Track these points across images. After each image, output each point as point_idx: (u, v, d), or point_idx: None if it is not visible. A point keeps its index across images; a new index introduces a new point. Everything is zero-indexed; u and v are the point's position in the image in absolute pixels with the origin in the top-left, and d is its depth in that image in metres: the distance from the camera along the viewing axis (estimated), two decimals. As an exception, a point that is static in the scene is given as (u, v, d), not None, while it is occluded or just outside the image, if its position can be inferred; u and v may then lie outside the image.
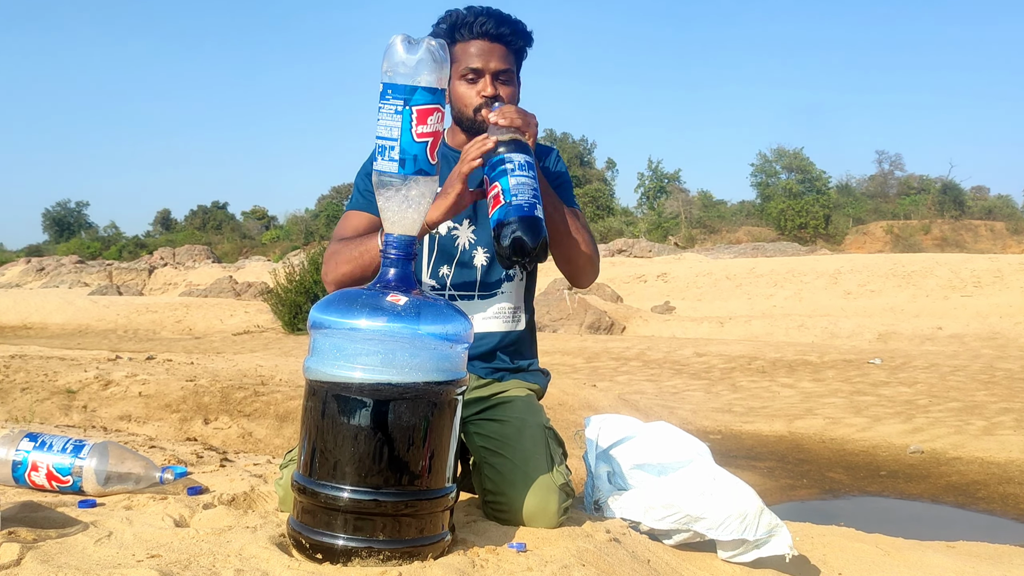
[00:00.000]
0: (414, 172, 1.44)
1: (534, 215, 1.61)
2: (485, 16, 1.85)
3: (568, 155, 53.04)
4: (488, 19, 1.85)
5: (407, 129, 1.43)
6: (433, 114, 1.44)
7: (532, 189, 1.63)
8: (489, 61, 1.85)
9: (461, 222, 1.95)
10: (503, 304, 1.96)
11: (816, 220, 45.82)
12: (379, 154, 1.44)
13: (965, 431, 5.90)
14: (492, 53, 1.85)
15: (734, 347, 10.35)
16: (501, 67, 1.86)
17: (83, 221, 61.33)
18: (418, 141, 1.44)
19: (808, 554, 2.17)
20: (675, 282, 20.89)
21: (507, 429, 1.80)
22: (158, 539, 1.42)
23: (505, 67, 1.87)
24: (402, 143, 1.43)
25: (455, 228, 1.94)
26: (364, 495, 1.34)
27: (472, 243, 1.95)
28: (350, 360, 1.35)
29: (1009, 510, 4.36)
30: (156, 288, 27.40)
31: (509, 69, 1.88)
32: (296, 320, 13.49)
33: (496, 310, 1.94)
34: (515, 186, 1.62)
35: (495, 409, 1.86)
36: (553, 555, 1.47)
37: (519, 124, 1.70)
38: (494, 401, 1.88)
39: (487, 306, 1.94)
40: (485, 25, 1.84)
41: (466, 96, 1.88)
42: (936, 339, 12.23)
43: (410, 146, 1.43)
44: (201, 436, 4.64)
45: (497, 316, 1.95)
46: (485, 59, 1.85)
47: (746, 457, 5.47)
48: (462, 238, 1.95)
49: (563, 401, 5.96)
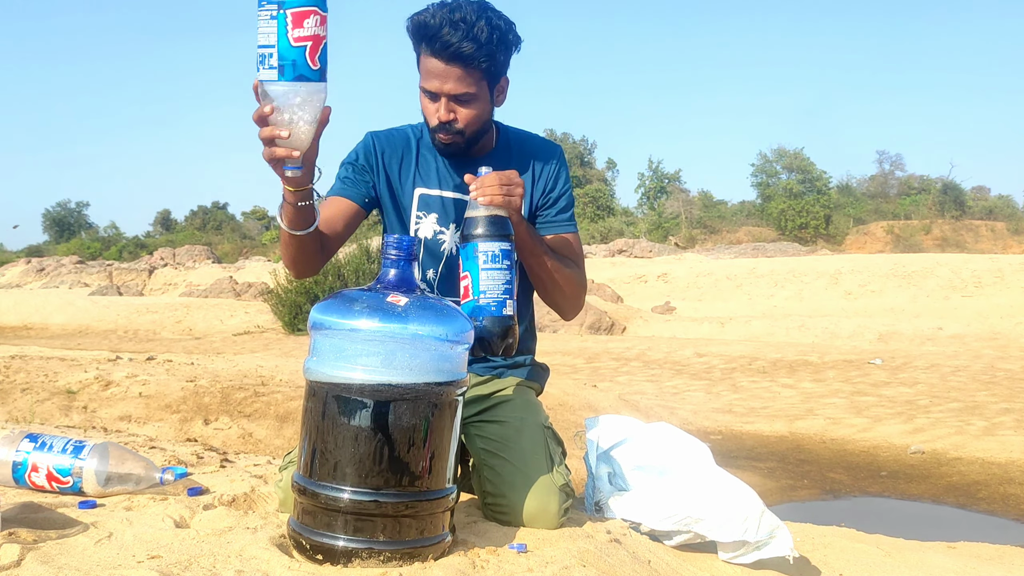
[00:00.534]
0: (294, 78, 1.39)
1: (502, 314, 1.59)
2: (449, 30, 1.68)
3: (569, 155, 53.05)
4: (451, 34, 1.68)
5: (283, 34, 1.38)
6: (309, 16, 1.38)
7: (504, 283, 1.58)
8: (444, 84, 1.73)
9: (448, 226, 1.90)
10: None
11: (817, 220, 45.82)
12: (259, 64, 1.39)
13: (966, 431, 5.90)
14: (448, 76, 1.72)
15: (735, 347, 10.35)
16: (457, 91, 1.73)
17: (83, 221, 61.35)
18: (295, 45, 1.39)
19: (809, 555, 2.17)
20: (676, 282, 20.89)
21: (506, 430, 1.79)
22: (158, 540, 1.42)
23: (462, 90, 1.73)
24: (279, 49, 1.38)
25: (441, 232, 1.90)
26: (364, 496, 1.34)
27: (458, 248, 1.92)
28: (350, 361, 1.35)
29: (1010, 510, 4.36)
30: (156, 288, 27.41)
31: (468, 92, 1.74)
32: (296, 321, 13.49)
33: None
34: (485, 281, 1.58)
35: (494, 409, 1.85)
36: (554, 556, 1.47)
37: (499, 201, 1.60)
38: (493, 401, 1.87)
39: None
40: (445, 43, 1.68)
41: (426, 111, 1.81)
42: (937, 339, 12.23)
43: (287, 51, 1.38)
44: (201, 437, 4.65)
45: None
46: (440, 82, 1.73)
47: (747, 458, 5.47)
48: (447, 243, 1.91)
49: (564, 401, 5.96)
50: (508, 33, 1.75)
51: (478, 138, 1.85)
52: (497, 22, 1.73)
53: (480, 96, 1.78)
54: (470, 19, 1.68)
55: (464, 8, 1.70)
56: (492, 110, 1.85)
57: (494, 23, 1.72)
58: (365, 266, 13.35)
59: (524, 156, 1.94)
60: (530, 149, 1.96)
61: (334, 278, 13.34)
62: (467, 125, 1.79)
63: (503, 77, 1.82)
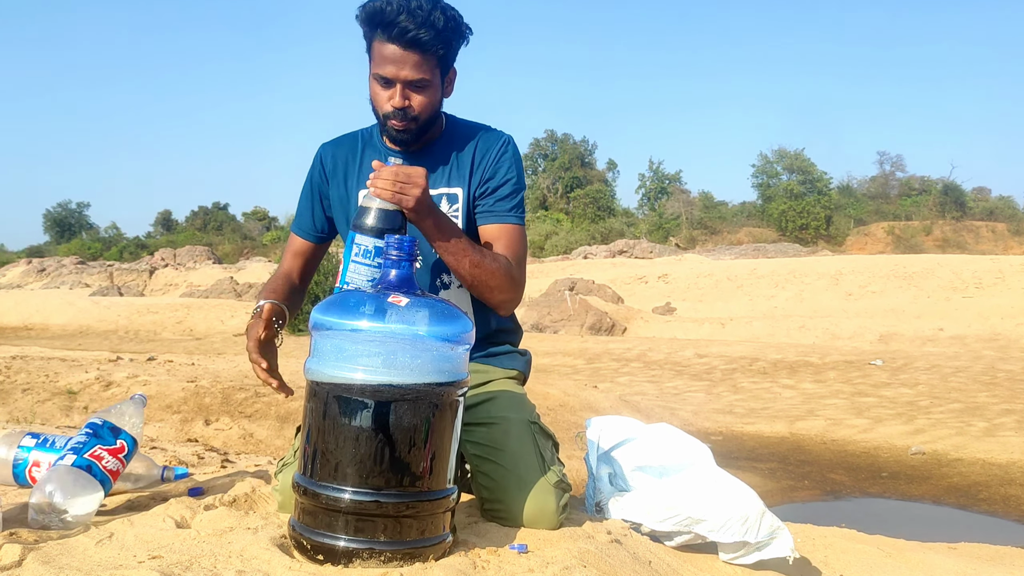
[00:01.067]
0: None
1: None
2: (406, 17, 1.70)
3: (569, 156, 53.10)
4: (408, 21, 1.70)
5: None
6: None
7: (368, 279, 1.59)
8: (401, 70, 1.74)
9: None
10: None
11: (817, 221, 45.82)
12: None
13: (967, 432, 5.89)
14: (405, 62, 1.73)
15: (735, 348, 10.35)
16: (413, 77, 1.75)
17: (84, 222, 61.38)
18: None
19: (809, 555, 2.17)
20: (676, 283, 20.89)
21: (494, 433, 1.77)
22: (159, 540, 1.42)
23: (418, 76, 1.75)
24: None
25: None
26: (365, 496, 1.34)
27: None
28: (351, 361, 1.35)
29: (1011, 511, 4.35)
30: (157, 289, 27.43)
31: (423, 78, 1.76)
32: (297, 321, 13.49)
33: None
34: (351, 272, 1.60)
35: (479, 408, 1.82)
36: (554, 556, 1.47)
37: (387, 196, 1.60)
38: (478, 398, 1.84)
39: None
40: (402, 29, 1.70)
41: (378, 98, 1.81)
42: (937, 340, 12.23)
43: None
44: (202, 437, 4.65)
45: None
46: (397, 68, 1.74)
47: (747, 458, 5.47)
48: None
49: (564, 402, 5.96)
50: (460, 23, 1.78)
51: (429, 126, 1.85)
52: (451, 12, 1.76)
53: (434, 83, 1.79)
54: (426, 7, 1.71)
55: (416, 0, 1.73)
56: (442, 100, 1.86)
57: (448, 12, 1.75)
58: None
59: (466, 144, 1.91)
60: (473, 138, 1.92)
61: (334, 279, 13.34)
62: (421, 111, 1.80)
63: (452, 67, 1.84)
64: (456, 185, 1.88)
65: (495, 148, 1.89)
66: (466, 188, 1.88)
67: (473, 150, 1.89)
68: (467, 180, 1.88)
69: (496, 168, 1.88)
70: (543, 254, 36.20)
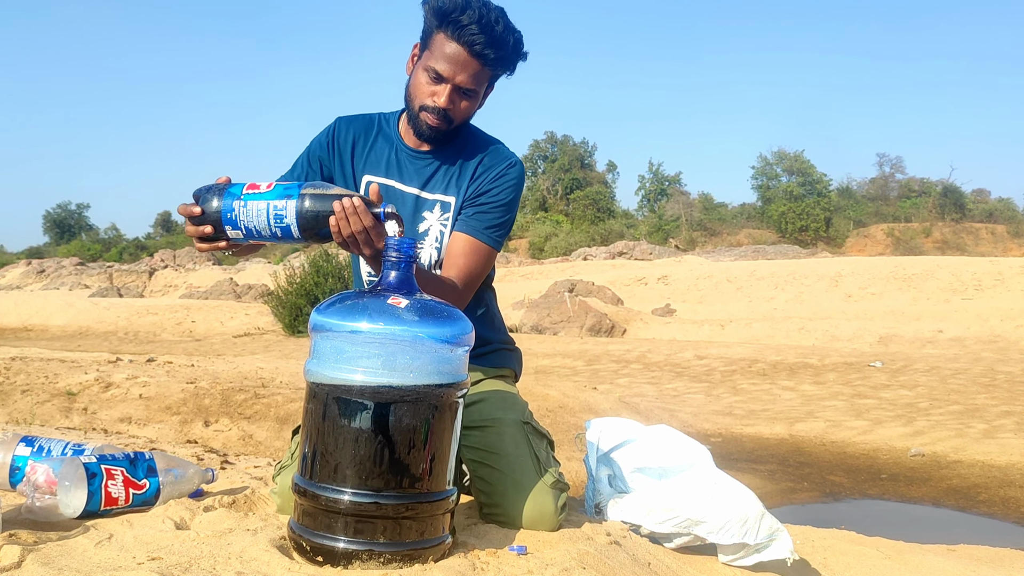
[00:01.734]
0: None
1: None
2: (479, 29, 1.71)
3: (569, 157, 53.15)
4: (482, 32, 1.71)
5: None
6: None
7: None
8: (458, 74, 1.74)
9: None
10: None
11: (817, 223, 45.84)
12: None
13: (966, 434, 5.89)
14: (466, 67, 1.74)
15: (735, 350, 10.35)
16: (467, 85, 1.76)
17: (84, 223, 61.44)
18: None
19: (809, 557, 2.17)
20: (676, 284, 20.89)
21: (488, 436, 1.76)
22: (159, 541, 1.42)
23: (472, 86, 1.76)
24: None
25: None
26: (365, 498, 1.34)
27: None
28: (351, 363, 1.35)
29: (1010, 513, 4.35)
30: (156, 290, 27.42)
31: (475, 89, 1.77)
32: (296, 322, 13.49)
33: None
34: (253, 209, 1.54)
35: (471, 410, 1.81)
36: (554, 558, 1.47)
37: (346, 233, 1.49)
38: (468, 400, 1.82)
39: None
40: (473, 39, 1.71)
41: (420, 88, 1.79)
42: (937, 342, 12.23)
43: None
44: (202, 438, 4.64)
45: None
46: (454, 70, 1.74)
47: (747, 460, 5.47)
48: None
49: (564, 404, 5.96)
50: (521, 48, 1.80)
51: (457, 132, 1.86)
52: (519, 36, 1.78)
53: (479, 94, 1.81)
54: (500, 25, 1.73)
55: (495, 11, 1.74)
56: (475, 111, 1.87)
57: (517, 36, 1.77)
58: (365, 268, 13.34)
59: (475, 155, 1.89)
60: (483, 151, 1.90)
61: (335, 280, 13.34)
62: (458, 117, 1.81)
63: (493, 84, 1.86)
64: (452, 194, 1.88)
65: (499, 167, 1.88)
66: (459, 198, 1.87)
67: (478, 163, 1.88)
68: (463, 190, 1.87)
69: (492, 185, 1.86)
70: (543, 255, 36.23)
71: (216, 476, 1.88)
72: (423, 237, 1.87)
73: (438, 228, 1.87)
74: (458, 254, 1.81)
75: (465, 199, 1.87)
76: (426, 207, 1.88)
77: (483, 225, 1.84)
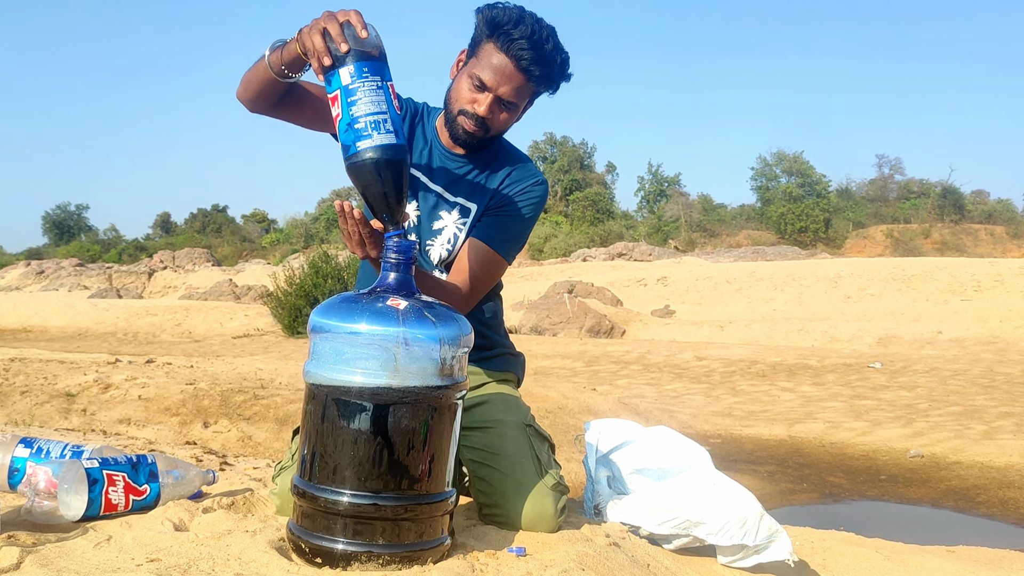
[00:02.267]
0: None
1: None
2: (528, 44, 1.71)
3: (568, 158, 53.16)
4: (531, 49, 1.72)
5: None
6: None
7: None
8: (502, 85, 1.75)
9: (411, 200, 1.87)
10: None
11: (816, 224, 45.86)
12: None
13: (965, 435, 5.89)
14: (511, 80, 1.75)
15: (734, 351, 10.35)
16: (509, 97, 1.77)
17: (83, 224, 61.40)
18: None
19: (808, 558, 2.17)
20: (675, 286, 20.90)
21: (489, 436, 1.77)
22: (157, 543, 1.42)
23: (514, 99, 1.77)
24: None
25: None
26: (364, 499, 1.34)
27: (410, 227, 1.88)
28: (350, 364, 1.35)
29: (1009, 514, 4.35)
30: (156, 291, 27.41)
31: (516, 102, 1.78)
32: (296, 323, 13.49)
33: None
34: None
35: (474, 412, 1.81)
36: (553, 559, 1.47)
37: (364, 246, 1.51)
38: (471, 402, 1.84)
39: None
40: (521, 53, 1.72)
41: (462, 94, 1.80)
42: (936, 343, 12.23)
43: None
44: (200, 440, 4.64)
45: None
46: (499, 81, 1.75)
47: (746, 461, 5.47)
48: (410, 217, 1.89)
49: (563, 405, 5.96)
50: (567, 69, 1.81)
51: (492, 140, 1.88)
52: (566, 57, 1.79)
53: (519, 108, 1.83)
54: (551, 44, 1.74)
55: (547, 29, 1.75)
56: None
57: (564, 56, 1.78)
58: (365, 269, 13.35)
59: (503, 167, 1.90)
60: (512, 164, 1.91)
61: (334, 281, 13.34)
62: (496, 127, 1.82)
63: None
64: (475, 201, 1.88)
65: (525, 182, 1.89)
66: (480, 206, 1.88)
67: (505, 175, 1.89)
68: (486, 199, 1.87)
69: (515, 199, 1.87)
70: (542, 256, 36.21)
71: (217, 478, 1.88)
72: (436, 235, 1.87)
73: (453, 229, 1.87)
74: (470, 259, 1.82)
75: (487, 208, 1.87)
76: (445, 207, 1.88)
77: (500, 236, 1.85)
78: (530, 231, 1.92)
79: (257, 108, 1.76)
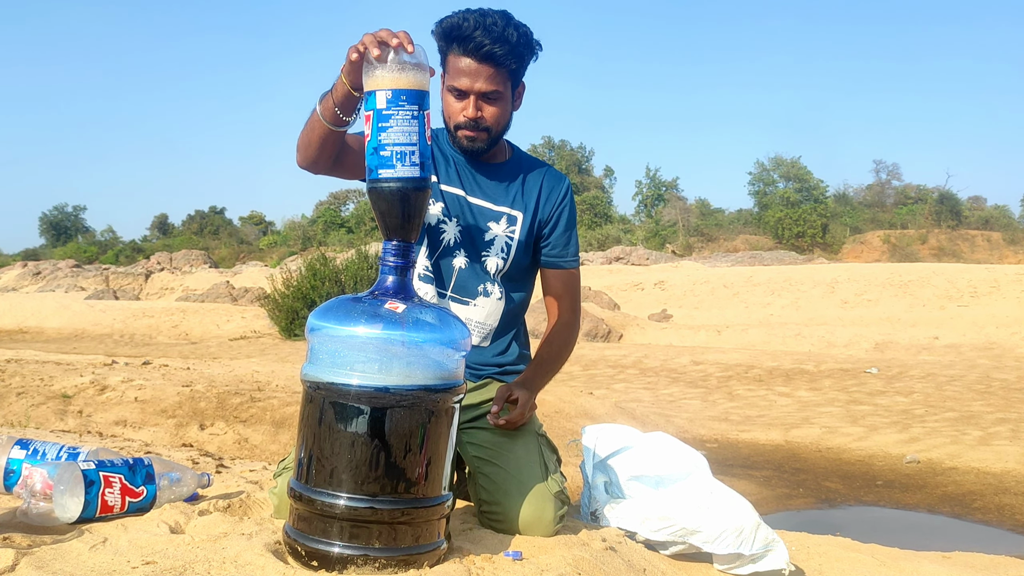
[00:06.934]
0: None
1: None
2: (482, 32, 1.76)
3: (566, 162, 53.17)
4: (484, 36, 1.76)
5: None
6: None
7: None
8: (475, 82, 1.80)
9: (451, 217, 1.92)
10: (473, 316, 1.93)
11: (813, 229, 45.90)
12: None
13: (961, 441, 5.90)
14: (480, 75, 1.79)
15: (731, 355, 10.35)
16: (487, 89, 1.81)
17: (80, 225, 61.29)
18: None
19: (804, 564, 2.16)
20: (672, 290, 20.90)
21: (499, 437, 1.79)
22: (153, 546, 1.42)
23: (492, 88, 1.81)
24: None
25: (444, 221, 1.92)
26: (360, 503, 1.34)
27: (456, 242, 1.92)
28: (347, 367, 1.35)
29: (1005, 520, 4.36)
30: (153, 293, 27.35)
31: (496, 90, 1.82)
32: (293, 326, 13.47)
33: (465, 319, 1.87)
34: None
35: (484, 411, 1.84)
36: (549, 563, 1.47)
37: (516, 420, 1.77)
38: (485, 408, 1.86)
39: (459, 312, 1.91)
40: (478, 44, 1.76)
41: (451, 109, 1.86)
42: (933, 349, 12.24)
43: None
44: (197, 442, 4.63)
45: None
46: (471, 80, 1.80)
47: (742, 466, 5.47)
48: (448, 233, 1.93)
49: (560, 409, 5.95)
50: (531, 39, 1.85)
51: (499, 139, 1.92)
52: (523, 28, 1.83)
53: (505, 96, 1.86)
54: (500, 23, 1.78)
55: (493, 15, 1.80)
56: (512, 113, 1.92)
57: (521, 29, 1.82)
58: (363, 272, 13.35)
59: (532, 173, 1.99)
60: (539, 170, 2.02)
61: (331, 284, 13.33)
62: (493, 123, 1.86)
63: (522, 82, 1.91)
64: (518, 209, 1.95)
65: (560, 190, 2.00)
66: (529, 216, 1.95)
67: (540, 183, 1.98)
68: (531, 210, 1.95)
69: (561, 212, 1.99)
70: (540, 260, 36.10)
71: (212, 480, 1.87)
72: (489, 246, 1.94)
73: (504, 239, 1.94)
74: (561, 290, 2.01)
75: (537, 222, 1.96)
76: (491, 217, 1.94)
77: (567, 254, 2.01)
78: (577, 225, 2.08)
79: (319, 168, 1.80)
